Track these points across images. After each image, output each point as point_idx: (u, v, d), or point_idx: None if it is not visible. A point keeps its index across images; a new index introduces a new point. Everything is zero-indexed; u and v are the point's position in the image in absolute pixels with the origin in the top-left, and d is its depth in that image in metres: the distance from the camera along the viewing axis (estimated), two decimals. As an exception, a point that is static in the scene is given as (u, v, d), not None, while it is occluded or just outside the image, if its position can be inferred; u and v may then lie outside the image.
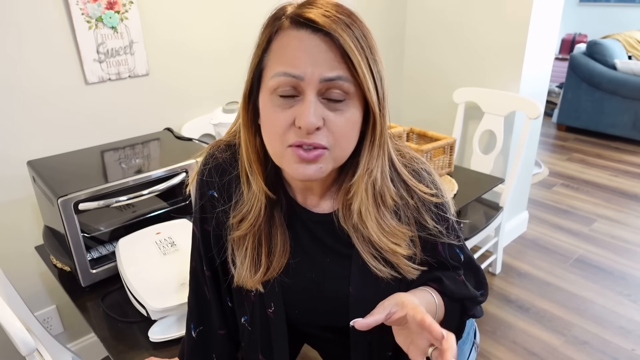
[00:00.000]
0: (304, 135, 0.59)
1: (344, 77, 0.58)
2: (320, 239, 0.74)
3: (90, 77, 1.46)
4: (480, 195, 1.69)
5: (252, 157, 0.68)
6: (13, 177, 1.40)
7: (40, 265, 1.51)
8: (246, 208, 0.71)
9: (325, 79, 0.58)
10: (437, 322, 0.70)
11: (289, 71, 0.58)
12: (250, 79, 0.64)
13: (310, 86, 0.58)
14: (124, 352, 0.94)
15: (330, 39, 0.57)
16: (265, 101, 0.62)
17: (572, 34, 5.19)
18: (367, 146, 0.65)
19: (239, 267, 0.73)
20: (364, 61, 0.58)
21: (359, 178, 0.66)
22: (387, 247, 0.68)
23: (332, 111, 0.59)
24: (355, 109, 0.61)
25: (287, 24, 0.59)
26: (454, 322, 0.76)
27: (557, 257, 2.35)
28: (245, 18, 1.79)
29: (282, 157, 0.62)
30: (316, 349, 0.96)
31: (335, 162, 0.63)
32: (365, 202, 0.66)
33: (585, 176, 3.29)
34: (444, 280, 0.73)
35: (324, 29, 0.57)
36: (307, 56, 0.57)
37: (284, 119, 0.59)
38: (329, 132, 0.60)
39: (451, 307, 0.74)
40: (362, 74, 0.58)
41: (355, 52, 0.57)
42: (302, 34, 0.58)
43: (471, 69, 2.21)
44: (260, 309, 0.77)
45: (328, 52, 0.57)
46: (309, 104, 0.58)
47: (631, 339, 1.81)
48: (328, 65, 0.57)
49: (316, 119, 0.58)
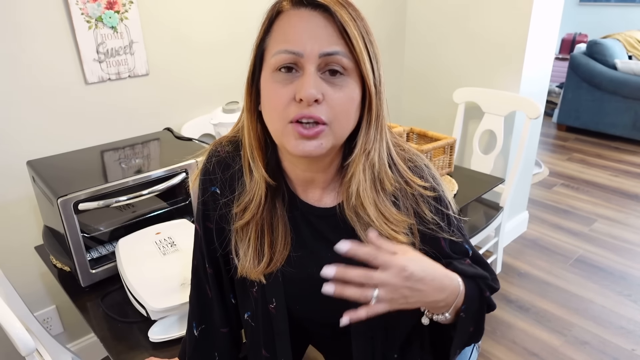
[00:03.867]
0: (304, 107, 0.60)
1: (342, 52, 0.60)
2: (322, 234, 0.75)
3: (90, 77, 1.46)
4: (480, 195, 1.69)
5: (254, 143, 0.70)
6: (13, 177, 1.40)
7: (40, 265, 1.51)
8: (248, 197, 0.72)
9: (324, 53, 0.60)
10: (460, 301, 0.66)
11: (288, 48, 0.60)
12: (253, 62, 0.66)
13: (309, 61, 0.60)
14: (123, 352, 0.94)
15: (328, 15, 0.60)
16: (267, 79, 0.64)
17: (572, 34, 5.19)
18: (364, 127, 0.67)
19: (242, 257, 0.74)
20: (360, 37, 0.61)
21: (356, 157, 0.67)
22: (387, 234, 0.68)
23: (331, 86, 0.61)
24: (354, 86, 0.63)
25: (287, 5, 0.62)
26: (474, 304, 0.70)
27: (557, 257, 2.35)
28: (246, 17, 1.78)
29: (282, 134, 0.64)
30: (320, 350, 0.96)
31: (335, 139, 0.64)
32: (364, 183, 0.67)
33: (585, 176, 3.28)
34: (453, 262, 0.71)
35: (323, 4, 0.60)
36: (306, 32, 0.60)
37: (285, 94, 0.61)
38: (329, 107, 0.61)
39: (470, 287, 0.69)
40: (359, 49, 0.60)
41: (352, 26, 0.60)
42: (301, 12, 0.61)
43: (471, 68, 2.21)
44: (262, 305, 0.78)
45: (327, 27, 0.60)
46: (309, 76, 0.59)
47: (631, 339, 1.81)
48: (327, 41, 0.60)
49: (316, 90, 0.59)
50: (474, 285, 0.71)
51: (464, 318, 0.68)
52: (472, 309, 0.69)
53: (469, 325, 0.70)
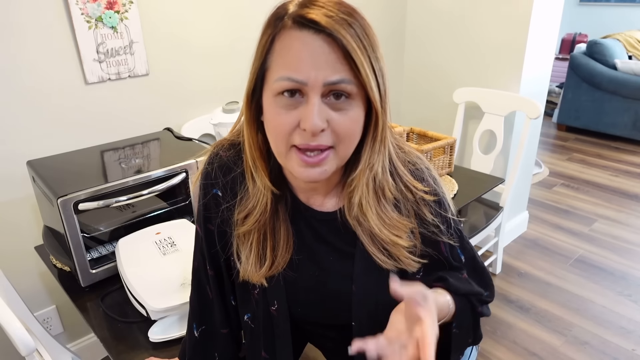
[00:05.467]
0: (309, 137, 0.59)
1: (347, 80, 0.58)
2: (324, 238, 0.75)
3: (90, 77, 1.46)
4: (480, 195, 1.69)
5: (256, 154, 0.69)
6: (13, 177, 1.40)
7: (40, 265, 1.51)
8: (251, 204, 0.71)
9: (329, 82, 0.58)
10: (449, 319, 0.70)
11: (292, 76, 0.58)
12: (254, 78, 0.65)
13: (313, 90, 0.58)
14: (123, 352, 0.94)
15: (332, 40, 0.57)
16: (270, 102, 0.62)
17: (572, 34, 5.19)
18: (369, 142, 0.66)
19: (244, 261, 0.74)
20: (366, 61, 0.58)
21: (360, 172, 0.67)
22: (389, 239, 0.69)
23: (336, 111, 0.60)
24: (358, 108, 0.61)
25: (289, 24, 0.59)
26: (467, 319, 0.74)
27: (557, 257, 2.35)
28: (246, 18, 1.78)
29: (286, 157, 0.63)
30: (320, 348, 0.96)
31: (339, 160, 0.64)
32: (366, 195, 0.67)
33: (585, 176, 3.28)
34: (448, 278, 0.73)
35: (326, 30, 0.57)
36: (310, 60, 0.57)
37: (289, 121, 0.60)
38: (333, 132, 0.60)
39: (461, 304, 0.73)
40: (365, 75, 0.58)
41: (358, 52, 0.57)
42: (304, 35, 0.58)
43: (471, 68, 2.21)
44: (263, 307, 0.78)
45: (331, 53, 0.57)
46: (313, 107, 0.58)
47: (632, 339, 1.81)
48: (331, 68, 0.58)
49: (320, 121, 0.58)
50: (466, 302, 0.74)
51: (457, 333, 0.72)
52: (464, 324, 0.73)
53: (465, 337, 0.75)
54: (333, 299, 0.76)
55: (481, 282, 0.80)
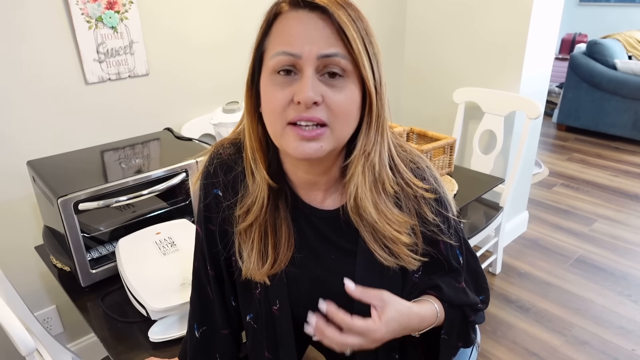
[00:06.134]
0: (303, 110, 0.60)
1: (341, 54, 0.60)
2: (325, 236, 0.75)
3: (90, 77, 1.46)
4: (480, 195, 1.69)
5: (255, 145, 0.70)
6: (13, 177, 1.40)
7: (40, 265, 1.51)
8: (251, 199, 0.72)
9: (322, 55, 0.59)
10: (438, 324, 0.73)
11: (287, 50, 0.60)
12: (252, 64, 0.66)
13: (308, 63, 0.60)
14: (123, 352, 0.94)
15: (327, 16, 0.59)
16: (266, 81, 0.64)
17: (572, 34, 5.19)
18: (364, 128, 0.66)
19: (246, 259, 0.74)
20: (359, 38, 0.60)
21: (355, 158, 0.67)
22: (390, 235, 0.69)
23: (330, 88, 0.61)
24: (354, 87, 0.62)
25: (286, 7, 0.62)
26: (454, 328, 0.76)
27: (557, 257, 2.35)
28: (247, 18, 1.79)
29: (281, 136, 0.64)
30: (321, 350, 0.96)
31: (336, 141, 0.64)
32: (362, 185, 0.67)
33: (585, 176, 3.28)
34: (443, 287, 0.74)
35: (321, 5, 0.59)
36: (304, 34, 0.60)
37: (283, 97, 0.61)
38: (328, 109, 0.61)
39: (451, 313, 0.74)
40: (357, 50, 0.60)
41: (350, 28, 0.59)
42: (299, 14, 0.60)
43: (471, 68, 2.21)
44: (265, 307, 0.78)
45: (325, 28, 0.60)
46: (307, 79, 0.59)
47: (631, 339, 1.81)
48: (325, 42, 0.59)
49: (314, 93, 0.59)
50: (459, 312, 0.76)
51: (446, 339, 0.74)
52: (453, 331, 0.75)
53: (455, 342, 0.77)
54: (334, 297, 0.76)
55: (477, 284, 0.81)
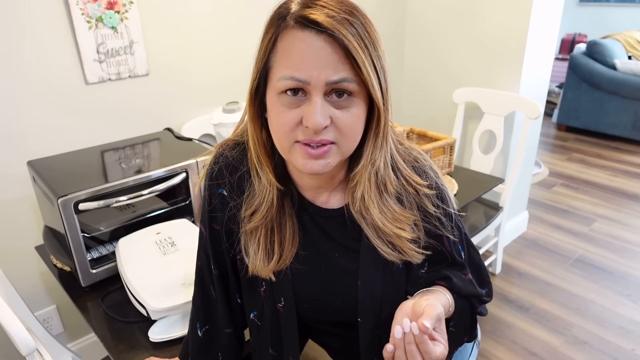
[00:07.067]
0: (312, 134, 0.61)
1: (349, 79, 0.60)
2: (329, 234, 0.76)
3: (90, 77, 1.46)
4: (480, 195, 1.69)
5: (260, 151, 0.70)
6: (13, 177, 1.40)
7: (40, 265, 1.51)
8: (257, 200, 0.73)
9: (331, 82, 0.59)
10: (448, 316, 0.74)
11: (295, 75, 0.59)
12: (257, 77, 0.66)
13: (316, 89, 0.59)
14: (124, 352, 0.94)
15: (334, 40, 0.58)
16: (273, 101, 0.63)
17: (572, 34, 5.19)
18: (371, 138, 0.67)
19: (252, 257, 0.75)
20: (367, 60, 0.59)
21: (362, 168, 0.68)
22: (392, 232, 0.70)
23: (338, 109, 0.61)
24: (360, 105, 0.63)
25: (291, 23, 0.60)
26: (465, 319, 0.77)
27: (557, 257, 2.35)
28: (247, 19, 1.79)
29: (289, 152, 0.65)
30: (325, 347, 0.96)
31: (342, 155, 0.65)
32: (368, 190, 0.69)
33: (585, 176, 3.29)
34: (452, 278, 0.75)
35: (328, 31, 0.58)
36: (312, 59, 0.59)
37: (292, 118, 0.61)
38: (336, 129, 0.62)
39: (462, 304, 0.75)
40: (367, 73, 0.59)
41: (360, 51, 0.58)
42: (306, 35, 0.59)
43: (471, 68, 2.21)
44: (270, 304, 0.78)
45: (332, 53, 0.58)
46: (316, 105, 0.59)
47: (631, 339, 1.81)
48: (332, 68, 0.59)
49: (323, 119, 0.59)
50: (467, 302, 0.77)
51: (454, 332, 0.74)
52: (461, 324, 0.76)
53: (461, 336, 0.78)
54: (339, 294, 0.77)
55: (479, 277, 0.82)
